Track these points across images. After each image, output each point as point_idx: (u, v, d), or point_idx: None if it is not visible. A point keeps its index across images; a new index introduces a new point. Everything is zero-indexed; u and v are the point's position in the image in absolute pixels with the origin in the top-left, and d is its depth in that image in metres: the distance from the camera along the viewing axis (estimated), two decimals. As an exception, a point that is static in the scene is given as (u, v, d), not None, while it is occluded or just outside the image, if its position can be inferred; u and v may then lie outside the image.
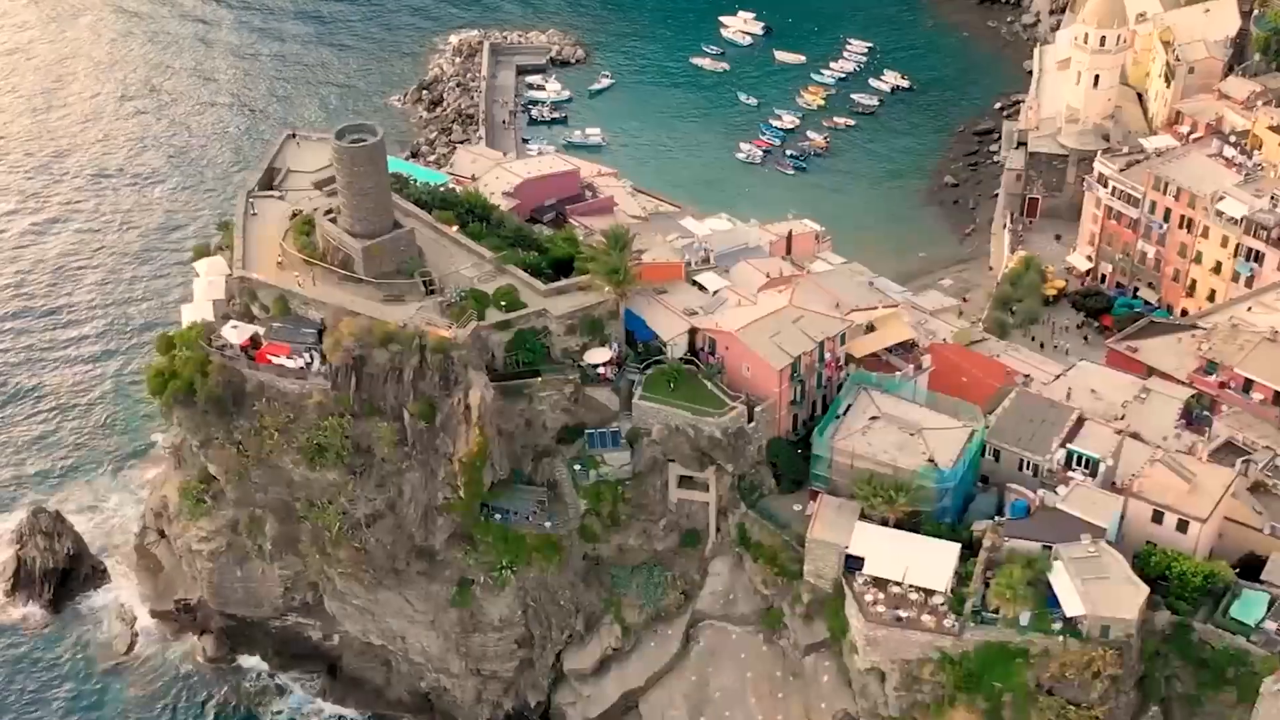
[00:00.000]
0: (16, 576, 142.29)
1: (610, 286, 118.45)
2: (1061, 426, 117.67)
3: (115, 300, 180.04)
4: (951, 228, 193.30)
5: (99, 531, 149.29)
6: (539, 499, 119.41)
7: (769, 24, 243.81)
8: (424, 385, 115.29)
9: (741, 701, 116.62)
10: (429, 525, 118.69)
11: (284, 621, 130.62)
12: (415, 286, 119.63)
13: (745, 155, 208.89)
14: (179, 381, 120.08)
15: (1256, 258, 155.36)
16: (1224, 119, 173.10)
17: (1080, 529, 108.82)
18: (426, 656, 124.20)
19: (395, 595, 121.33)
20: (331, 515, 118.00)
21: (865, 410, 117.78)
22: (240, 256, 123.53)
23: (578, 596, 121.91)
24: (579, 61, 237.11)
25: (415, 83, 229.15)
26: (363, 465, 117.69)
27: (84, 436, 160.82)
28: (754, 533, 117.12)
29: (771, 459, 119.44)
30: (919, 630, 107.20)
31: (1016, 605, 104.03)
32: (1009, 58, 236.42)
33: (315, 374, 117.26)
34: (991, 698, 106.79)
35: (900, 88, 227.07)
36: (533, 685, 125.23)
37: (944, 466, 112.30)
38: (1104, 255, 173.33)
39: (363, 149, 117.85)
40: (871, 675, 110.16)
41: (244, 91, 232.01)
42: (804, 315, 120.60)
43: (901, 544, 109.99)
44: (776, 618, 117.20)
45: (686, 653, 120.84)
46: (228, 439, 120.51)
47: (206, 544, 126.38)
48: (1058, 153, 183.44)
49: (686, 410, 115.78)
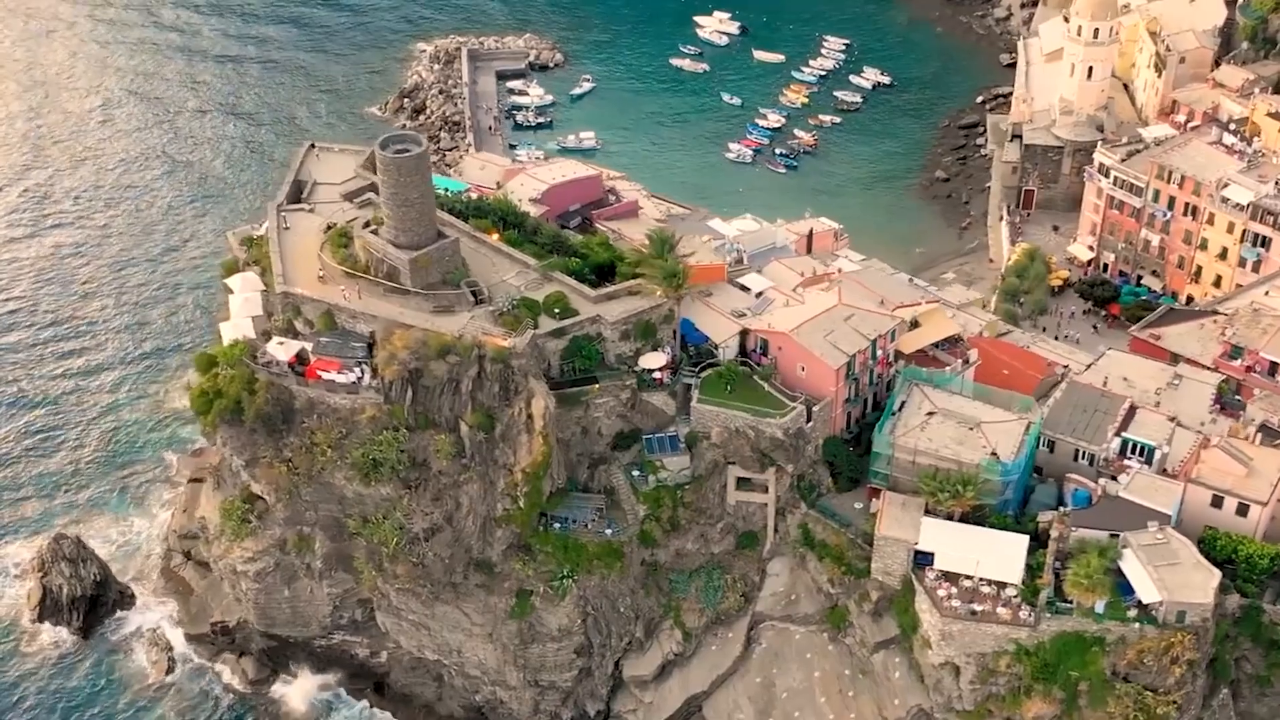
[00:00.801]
0: (43, 605, 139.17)
1: (666, 290, 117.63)
2: (1115, 415, 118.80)
3: (120, 321, 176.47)
4: (947, 222, 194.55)
5: (121, 556, 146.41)
6: (597, 506, 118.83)
7: (744, 24, 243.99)
8: (482, 396, 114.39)
9: (810, 701, 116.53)
10: (487, 537, 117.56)
11: (330, 640, 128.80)
12: (464, 296, 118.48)
13: (735, 155, 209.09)
14: (225, 400, 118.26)
15: (1263, 243, 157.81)
16: (1220, 107, 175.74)
17: (1146, 516, 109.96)
18: (483, 669, 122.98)
19: (453, 609, 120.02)
20: (388, 530, 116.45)
21: (920, 406, 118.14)
22: (281, 272, 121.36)
23: (637, 603, 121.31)
24: (558, 65, 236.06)
25: (395, 91, 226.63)
26: (418, 479, 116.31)
27: (94, 460, 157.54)
28: (818, 532, 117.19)
29: (828, 458, 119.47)
30: (994, 623, 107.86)
31: (1094, 594, 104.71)
32: (984, 51, 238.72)
33: (367, 388, 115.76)
34: (1067, 687, 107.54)
35: (881, 84, 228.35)
36: (591, 694, 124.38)
37: (1006, 459, 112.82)
38: (1106, 245, 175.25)
39: (409, 159, 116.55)
40: (946, 670, 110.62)
41: (221, 103, 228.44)
42: (855, 313, 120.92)
43: (970, 538, 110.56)
44: (841, 616, 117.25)
45: (749, 654, 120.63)
46: (276, 457, 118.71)
47: (252, 564, 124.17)
48: (1053, 144, 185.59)
49: (747, 412, 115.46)
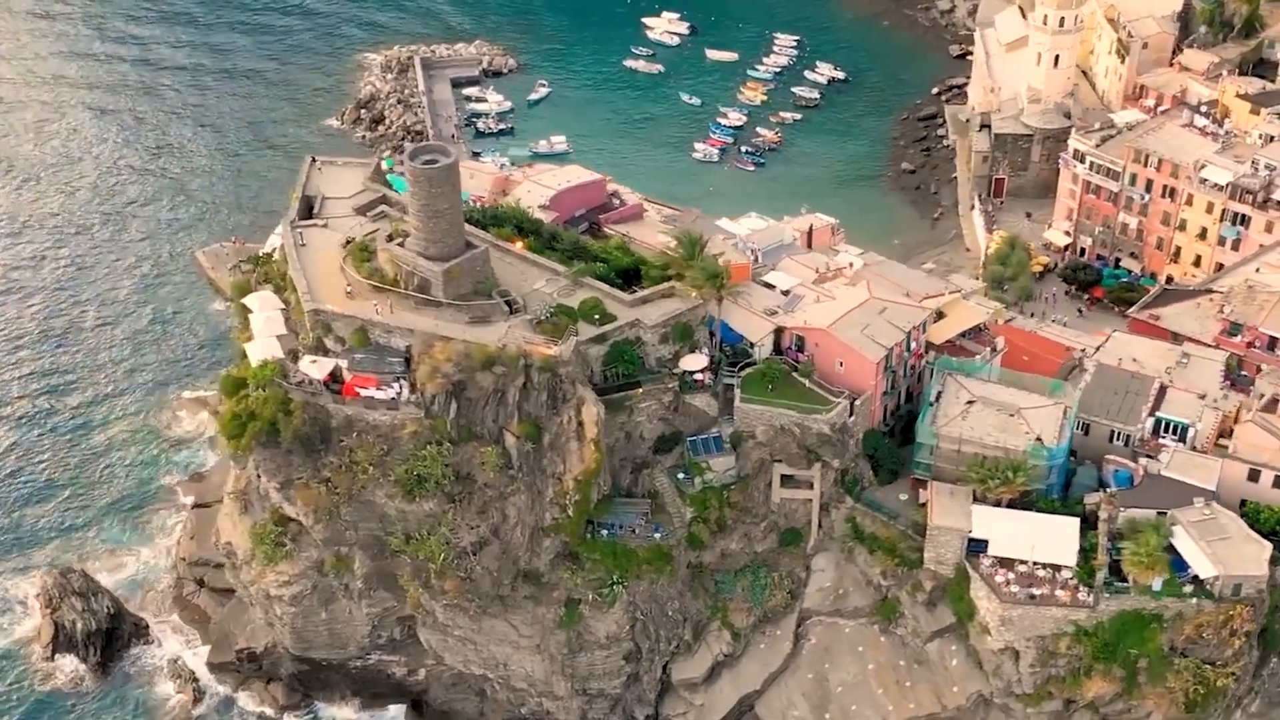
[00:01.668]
0: (56, 640, 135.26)
1: (707, 291, 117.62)
2: (1147, 395, 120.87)
3: (100, 348, 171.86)
4: (920, 213, 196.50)
5: (130, 587, 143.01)
6: (643, 511, 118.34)
7: (694, 23, 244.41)
8: (529, 405, 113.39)
9: (866, 694, 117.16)
10: (535, 548, 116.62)
11: (366, 661, 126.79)
12: (499, 306, 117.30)
13: (702, 155, 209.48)
14: (259, 422, 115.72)
15: (1242, 221, 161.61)
16: (1188, 90, 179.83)
17: (1191, 493, 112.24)
18: (530, 681, 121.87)
19: (500, 622, 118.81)
20: (434, 546, 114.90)
21: (957, 395, 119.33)
22: (306, 289, 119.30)
23: (685, 605, 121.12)
24: (511, 72, 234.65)
25: (352, 102, 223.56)
26: (461, 493, 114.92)
27: (89, 489, 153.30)
28: (866, 525, 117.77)
29: (869, 451, 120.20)
30: (1054, 606, 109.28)
31: (1152, 572, 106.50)
32: (932, 44, 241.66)
33: (406, 403, 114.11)
34: (1127, 665, 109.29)
35: (836, 79, 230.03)
36: (639, 699, 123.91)
37: (1050, 444, 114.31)
38: (1083, 229, 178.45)
39: (440, 170, 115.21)
40: (1005, 655, 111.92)
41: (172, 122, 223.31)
42: (887, 306, 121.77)
43: (1023, 523, 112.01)
44: (892, 608, 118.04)
45: (798, 651, 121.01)
46: (314, 477, 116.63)
47: (288, 588, 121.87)
48: (1023, 133, 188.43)
49: (792, 409, 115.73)
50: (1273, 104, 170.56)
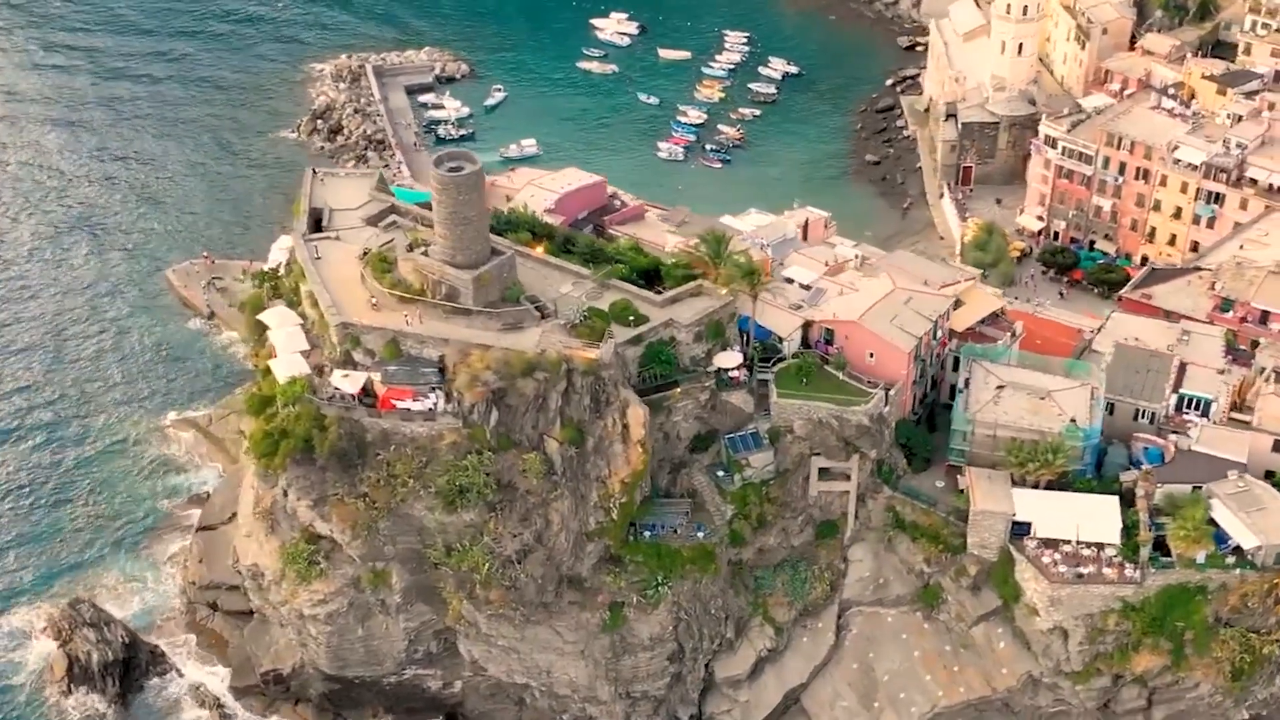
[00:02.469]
0: (71, 674, 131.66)
1: (743, 288, 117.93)
2: (1168, 373, 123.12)
3: (78, 375, 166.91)
4: (889, 204, 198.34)
5: (140, 615, 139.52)
6: (684, 510, 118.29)
7: (643, 23, 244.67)
8: (570, 410, 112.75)
9: (914, 680, 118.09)
10: (578, 553, 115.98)
11: (401, 676, 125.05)
12: (529, 312, 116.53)
13: (667, 154, 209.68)
14: (292, 440, 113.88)
15: (1217, 199, 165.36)
16: (1152, 73, 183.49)
17: (1224, 467, 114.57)
18: (574, 687, 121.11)
19: (545, 629, 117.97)
20: (478, 556, 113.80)
21: (986, 381, 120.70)
22: (331, 303, 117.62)
23: (727, 603, 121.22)
24: (464, 77, 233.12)
25: (307, 113, 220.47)
26: (503, 501, 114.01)
27: (86, 517, 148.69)
28: (907, 514, 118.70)
29: (903, 440, 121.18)
30: (1101, 584, 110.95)
31: (1198, 545, 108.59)
32: (879, 36, 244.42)
33: (443, 413, 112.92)
34: (1174, 638, 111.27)
35: (790, 74, 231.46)
36: (682, 699, 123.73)
37: (1084, 424, 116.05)
38: (1056, 214, 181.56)
39: (467, 177, 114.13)
40: (1054, 634, 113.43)
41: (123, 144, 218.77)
42: (912, 296, 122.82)
43: (1064, 504, 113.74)
44: (934, 594, 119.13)
45: (841, 642, 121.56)
46: (350, 493, 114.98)
47: (323, 607, 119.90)
48: (989, 120, 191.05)
49: (830, 402, 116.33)
50: (1239, 84, 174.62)
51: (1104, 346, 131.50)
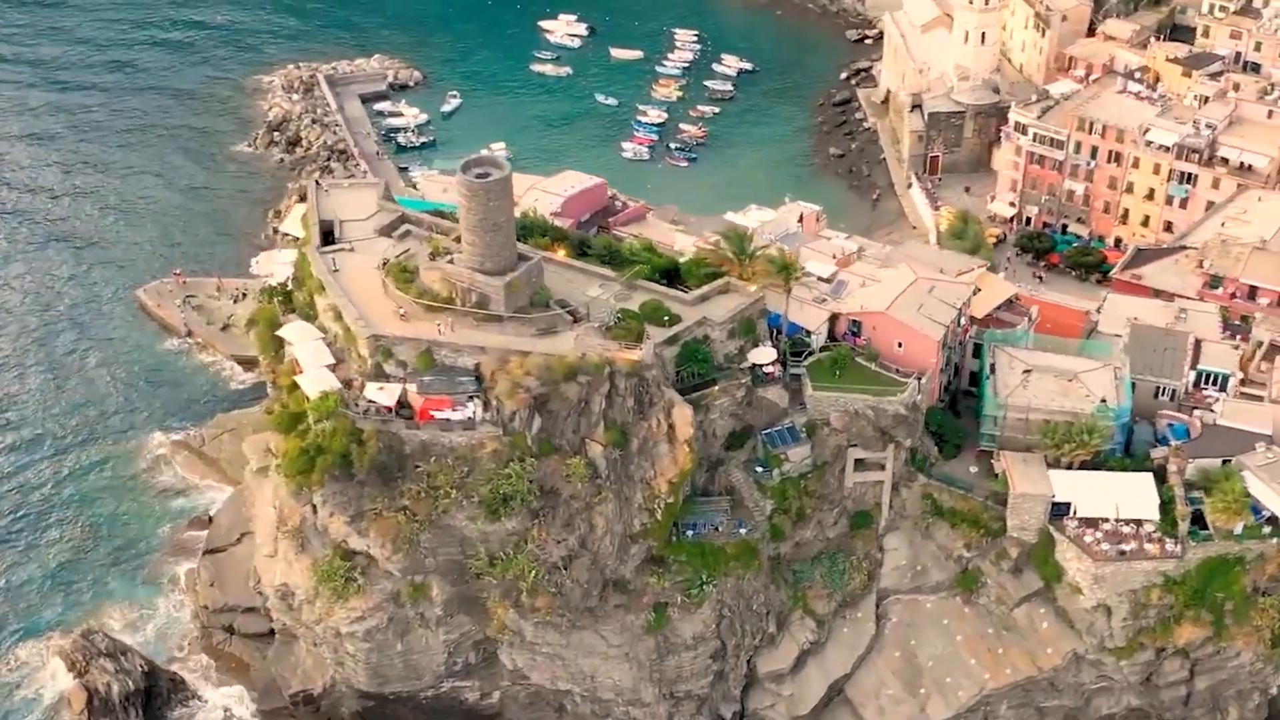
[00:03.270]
0: (90, 706, 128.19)
1: (771, 283, 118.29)
2: (1185, 350, 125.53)
3: (61, 403, 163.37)
4: (858, 196, 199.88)
5: (154, 642, 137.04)
6: (724, 508, 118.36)
7: (592, 24, 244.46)
8: (613, 412, 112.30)
9: (959, 665, 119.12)
10: (623, 555, 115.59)
11: (438, 689, 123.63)
12: (561, 316, 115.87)
13: (632, 154, 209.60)
14: (329, 456, 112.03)
15: (1189, 180, 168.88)
16: (1116, 58, 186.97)
17: (1251, 439, 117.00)
18: (617, 691, 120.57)
19: (590, 634, 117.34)
20: (523, 564, 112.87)
21: (1011, 366, 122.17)
22: (358, 315, 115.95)
23: (769, 598, 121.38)
24: (418, 84, 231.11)
25: (261, 126, 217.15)
26: (545, 508, 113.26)
27: (86, 546, 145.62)
28: (945, 500, 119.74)
29: (933, 427, 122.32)
30: (1144, 559, 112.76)
31: (1238, 517, 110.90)
32: (827, 30, 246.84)
33: (483, 422, 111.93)
34: (1215, 609, 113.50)
35: (745, 71, 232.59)
36: (724, 696, 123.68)
37: (1114, 404, 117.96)
38: (1028, 199, 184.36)
39: (497, 183, 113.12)
40: (1098, 612, 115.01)
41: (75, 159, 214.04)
42: (935, 285, 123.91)
43: (1101, 483, 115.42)
44: (973, 579, 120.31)
45: (881, 631, 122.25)
46: (389, 507, 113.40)
47: (361, 624, 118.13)
48: (955, 110, 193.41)
49: (865, 393, 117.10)
50: (1202, 66, 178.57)
51: (1108, 327, 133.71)
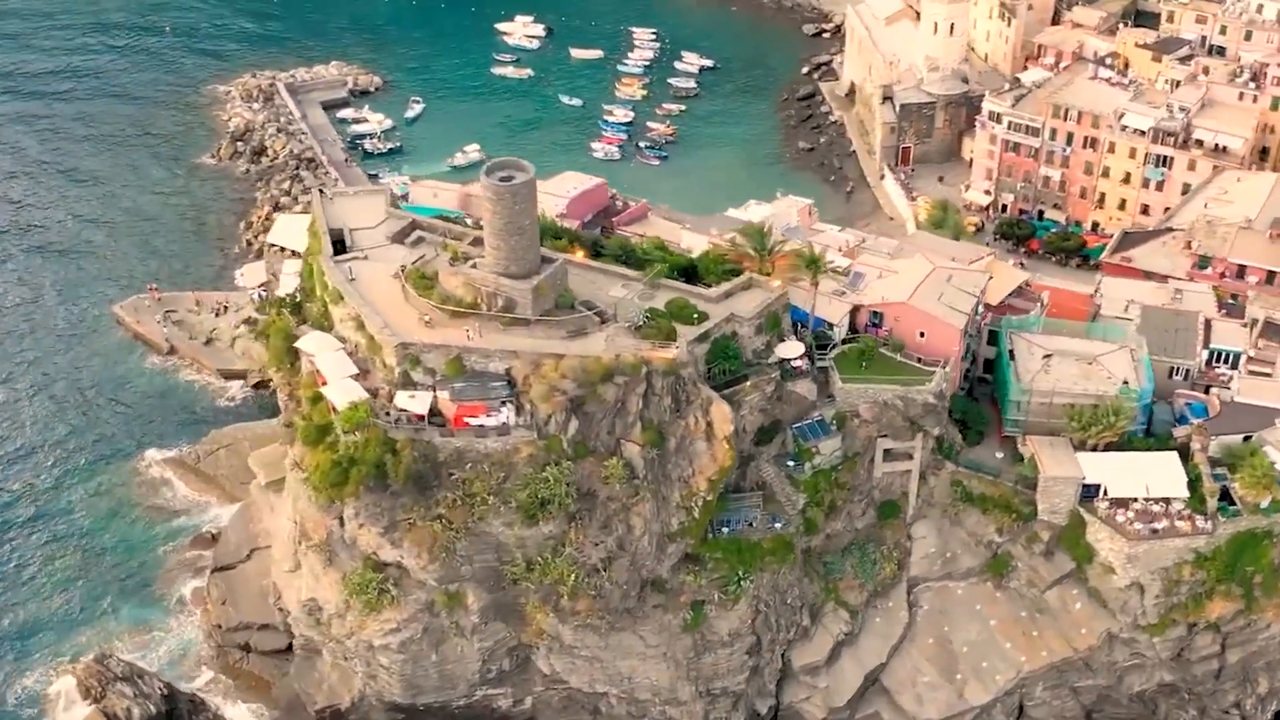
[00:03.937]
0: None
1: (799, 278, 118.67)
2: (1196, 330, 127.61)
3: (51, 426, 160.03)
4: (832, 189, 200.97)
5: (169, 664, 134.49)
6: (757, 504, 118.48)
7: (549, 25, 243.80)
8: (649, 412, 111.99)
9: (995, 649, 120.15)
10: (661, 555, 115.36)
11: (471, 698, 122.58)
12: (590, 318, 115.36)
13: (602, 154, 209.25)
14: (363, 467, 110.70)
15: (1165, 162, 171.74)
16: (1085, 45, 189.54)
17: (1270, 415, 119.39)
18: (655, 691, 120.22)
19: (628, 635, 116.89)
20: (563, 567, 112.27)
21: (1030, 351, 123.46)
22: (384, 325, 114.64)
23: (802, 591, 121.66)
24: (379, 90, 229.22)
25: (221, 136, 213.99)
26: (581, 510, 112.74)
27: (87, 570, 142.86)
28: (974, 487, 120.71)
29: (957, 415, 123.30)
30: (1176, 537, 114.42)
31: (1267, 492, 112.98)
32: (784, 25, 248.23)
33: (517, 426, 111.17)
34: (1244, 582, 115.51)
35: (706, 67, 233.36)
36: (759, 692, 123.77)
37: (1135, 386, 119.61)
38: (1004, 187, 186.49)
39: (522, 186, 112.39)
40: (1131, 591, 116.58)
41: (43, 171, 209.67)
42: (952, 274, 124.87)
43: (1129, 464, 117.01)
44: (1004, 563, 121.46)
45: (913, 619, 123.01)
46: (424, 516, 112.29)
47: (395, 635, 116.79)
48: (926, 101, 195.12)
49: (894, 384, 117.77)
50: (1172, 50, 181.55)
51: (1110, 310, 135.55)
